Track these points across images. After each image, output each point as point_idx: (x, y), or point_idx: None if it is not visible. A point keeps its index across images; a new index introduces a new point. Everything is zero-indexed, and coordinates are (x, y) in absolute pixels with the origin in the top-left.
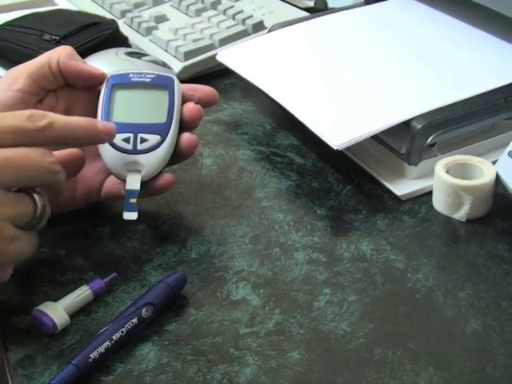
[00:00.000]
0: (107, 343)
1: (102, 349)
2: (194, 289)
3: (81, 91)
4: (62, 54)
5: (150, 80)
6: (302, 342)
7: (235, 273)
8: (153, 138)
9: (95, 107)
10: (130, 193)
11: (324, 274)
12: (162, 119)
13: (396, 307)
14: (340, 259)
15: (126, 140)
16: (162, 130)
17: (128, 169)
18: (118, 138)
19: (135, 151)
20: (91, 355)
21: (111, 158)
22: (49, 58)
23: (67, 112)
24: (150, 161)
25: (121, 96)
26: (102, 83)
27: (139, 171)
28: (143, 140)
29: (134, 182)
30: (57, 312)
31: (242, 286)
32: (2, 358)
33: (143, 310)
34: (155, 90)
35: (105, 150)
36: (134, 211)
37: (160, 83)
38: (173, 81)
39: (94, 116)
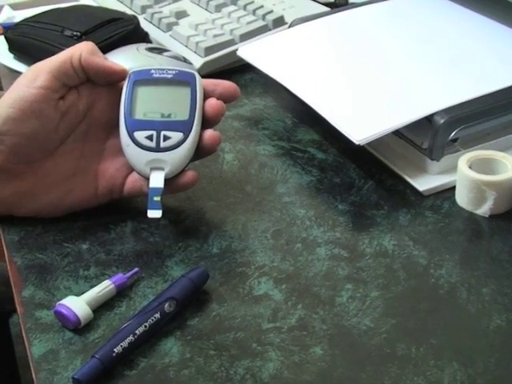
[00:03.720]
0: (130, 338)
1: (125, 343)
2: (216, 284)
3: (103, 87)
4: (83, 50)
5: (171, 76)
6: (324, 338)
7: (257, 268)
8: (176, 136)
9: (117, 103)
10: (154, 191)
11: (346, 270)
12: (185, 116)
13: (419, 303)
14: (362, 255)
15: (149, 138)
16: (184, 127)
17: (151, 166)
18: (141, 136)
19: (158, 149)
20: (115, 350)
21: (134, 156)
22: (70, 54)
23: (89, 108)
24: (174, 158)
25: (143, 92)
26: (123, 79)
27: (163, 169)
28: (166, 138)
29: (157, 180)
30: (80, 307)
31: (264, 282)
32: (26, 352)
33: (166, 305)
34: (177, 86)
35: (128, 147)
36: (159, 209)
37: (182, 79)
38: (194, 77)
39: (116, 113)
